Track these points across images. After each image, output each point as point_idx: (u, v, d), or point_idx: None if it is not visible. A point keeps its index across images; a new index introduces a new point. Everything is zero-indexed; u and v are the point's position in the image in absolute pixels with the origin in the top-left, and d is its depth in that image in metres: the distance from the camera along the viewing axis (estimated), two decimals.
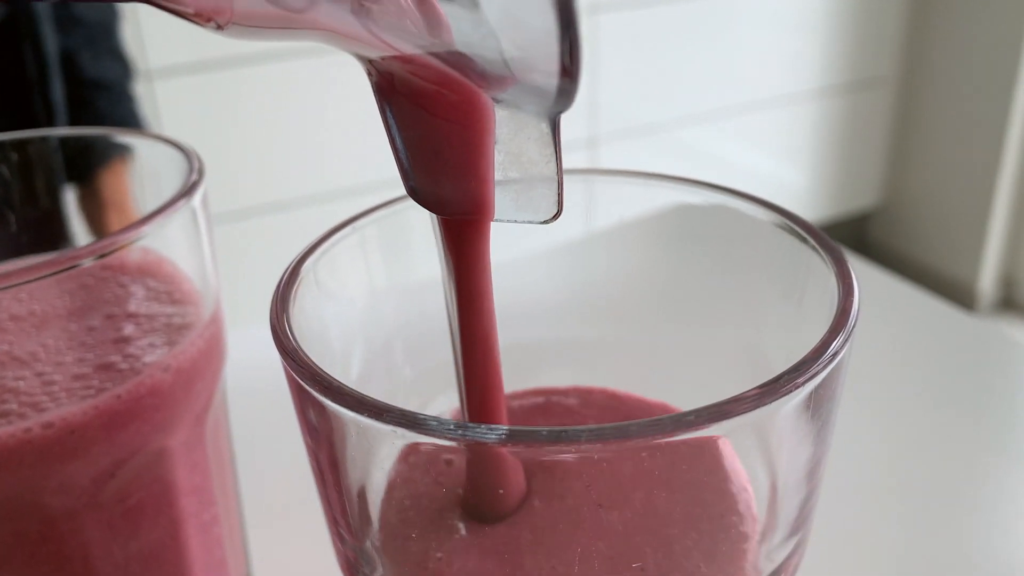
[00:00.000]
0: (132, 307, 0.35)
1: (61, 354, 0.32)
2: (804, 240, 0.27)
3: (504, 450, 0.20)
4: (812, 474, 0.23)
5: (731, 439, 0.22)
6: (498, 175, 0.23)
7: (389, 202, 0.29)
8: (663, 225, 0.32)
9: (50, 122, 0.81)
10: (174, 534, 0.35)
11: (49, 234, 0.44)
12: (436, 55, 0.20)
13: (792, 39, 2.10)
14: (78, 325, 0.34)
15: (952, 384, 0.59)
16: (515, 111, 0.21)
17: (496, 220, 0.24)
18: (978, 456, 0.53)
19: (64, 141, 0.40)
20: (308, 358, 0.21)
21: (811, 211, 2.32)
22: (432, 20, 0.19)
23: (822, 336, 0.21)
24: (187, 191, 0.34)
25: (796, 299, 0.27)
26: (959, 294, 2.21)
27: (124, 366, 0.32)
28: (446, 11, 0.19)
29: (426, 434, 0.18)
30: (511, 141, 0.22)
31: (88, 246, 0.30)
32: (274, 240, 1.75)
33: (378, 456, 0.21)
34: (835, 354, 0.21)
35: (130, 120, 0.88)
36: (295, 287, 0.24)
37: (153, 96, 1.57)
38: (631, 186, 0.31)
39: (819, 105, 2.19)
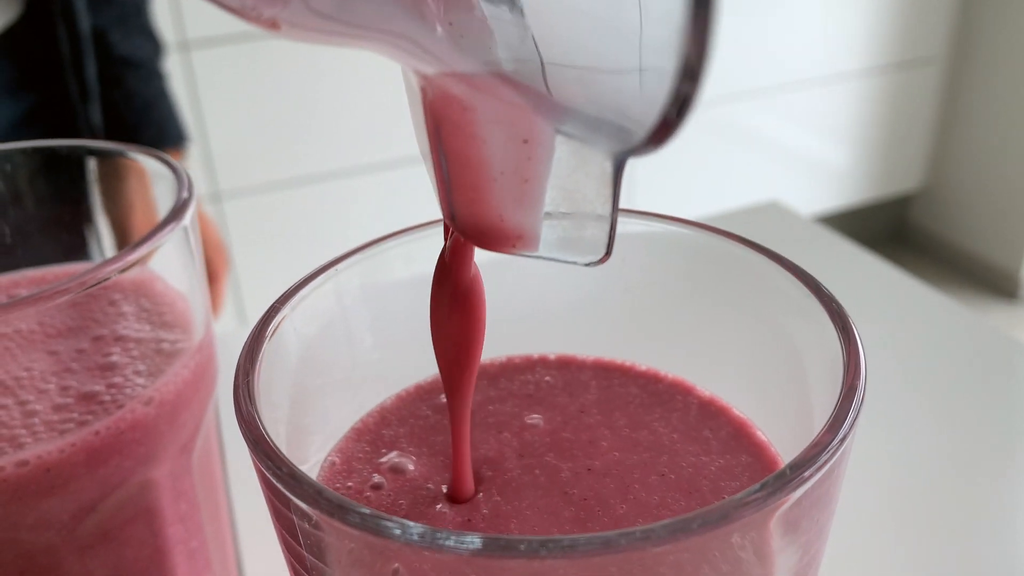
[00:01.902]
0: (121, 329, 0.34)
1: (45, 380, 0.32)
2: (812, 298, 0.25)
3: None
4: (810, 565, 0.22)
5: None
6: (547, 208, 0.21)
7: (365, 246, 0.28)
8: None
9: (83, 100, 0.81)
10: (159, 563, 0.34)
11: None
12: (503, 77, 0.19)
13: (841, 18, 2.05)
14: (65, 347, 0.33)
15: (976, 390, 0.57)
16: (580, 145, 0.20)
17: (538, 256, 0.22)
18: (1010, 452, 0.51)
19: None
20: (266, 435, 0.19)
21: (852, 193, 2.28)
22: (508, 39, 0.18)
23: (817, 437, 0.19)
24: (179, 211, 0.33)
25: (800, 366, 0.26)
26: (1000, 281, 2.17)
27: (107, 397, 0.31)
28: (515, 24, 0.18)
29: (384, 538, 0.17)
30: (568, 176, 0.20)
31: (82, 275, 0.29)
32: (302, 213, 1.75)
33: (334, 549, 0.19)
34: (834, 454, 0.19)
35: (160, 98, 0.87)
36: (264, 344, 0.23)
37: (191, 66, 1.57)
38: (636, 224, 0.30)
39: (864, 84, 2.14)
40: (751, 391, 0.29)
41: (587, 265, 0.22)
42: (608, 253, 0.22)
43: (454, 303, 0.24)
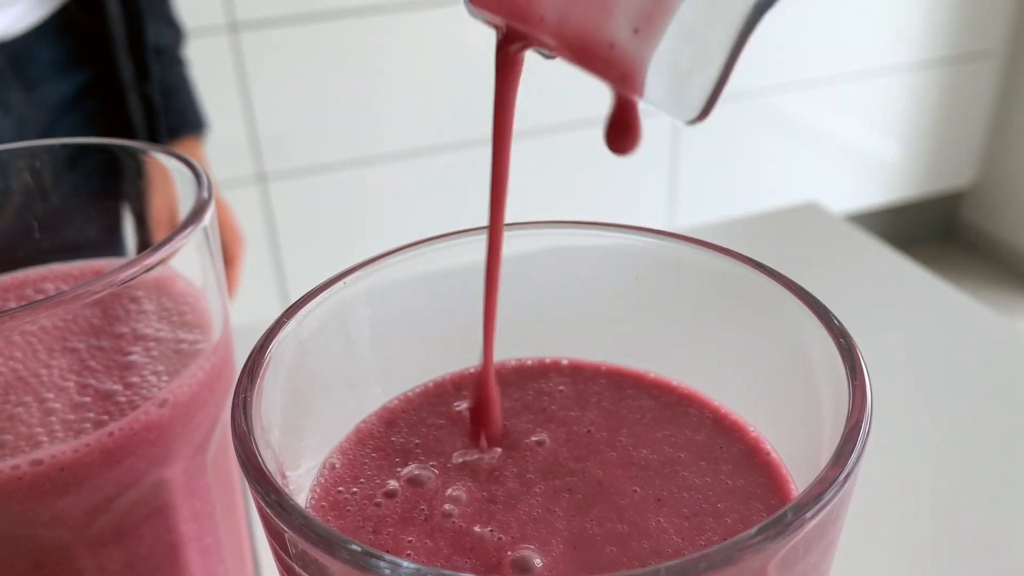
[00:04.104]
0: (142, 328, 0.34)
1: (64, 377, 0.32)
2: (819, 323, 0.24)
3: None
4: None
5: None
6: (662, 48, 0.20)
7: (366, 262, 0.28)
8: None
9: (144, 78, 0.83)
10: (172, 559, 0.34)
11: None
12: None
13: (898, 9, 2.01)
14: (86, 344, 0.33)
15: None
16: None
17: (640, 97, 0.21)
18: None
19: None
20: (262, 463, 0.19)
21: (901, 188, 2.24)
22: None
23: (823, 473, 0.19)
24: (199, 212, 0.33)
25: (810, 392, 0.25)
26: None
27: (123, 398, 0.31)
28: None
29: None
30: (699, 12, 0.19)
31: (107, 275, 0.30)
32: (347, 196, 1.75)
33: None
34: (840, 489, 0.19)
35: (181, 84, 0.90)
36: (265, 362, 0.23)
37: (240, 48, 1.58)
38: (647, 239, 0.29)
39: (918, 77, 2.10)
40: (764, 408, 0.29)
41: (684, 121, 0.21)
42: (706, 113, 0.20)
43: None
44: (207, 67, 1.52)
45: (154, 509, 0.33)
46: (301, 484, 0.27)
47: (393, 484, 0.27)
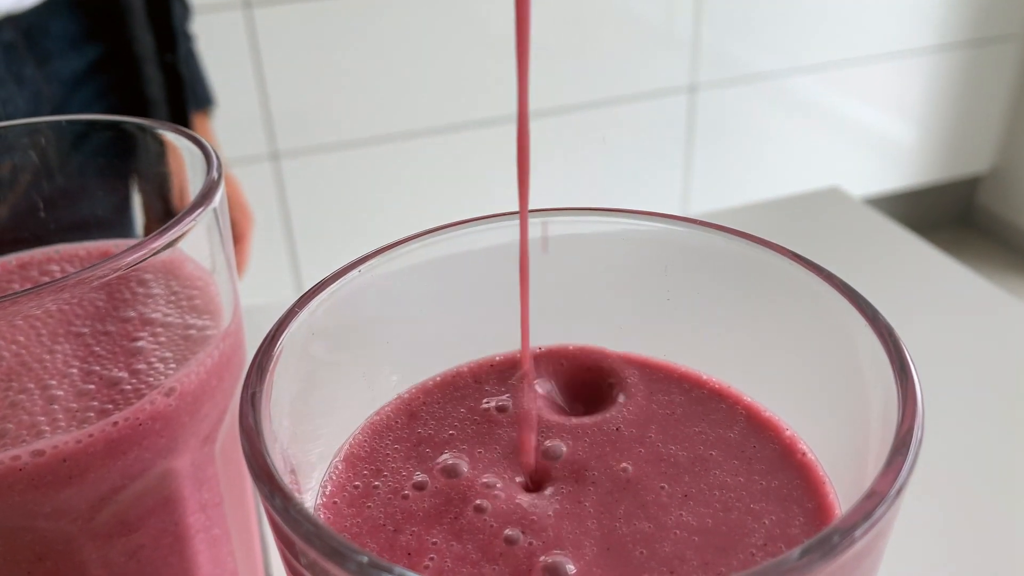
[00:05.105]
0: (149, 312, 0.33)
1: (69, 364, 0.31)
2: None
3: None
4: None
5: None
6: None
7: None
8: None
9: (170, 48, 0.82)
10: (180, 550, 0.33)
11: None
12: None
13: None
14: (91, 329, 0.32)
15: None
16: None
17: None
18: None
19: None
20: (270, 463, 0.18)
21: (918, 173, 2.21)
22: None
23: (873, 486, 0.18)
24: (209, 192, 0.32)
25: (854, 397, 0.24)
26: None
27: (128, 386, 0.30)
28: None
29: None
30: None
31: (114, 258, 0.28)
32: (360, 175, 1.74)
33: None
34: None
35: (188, 59, 0.89)
36: (275, 355, 0.22)
37: (253, 24, 1.56)
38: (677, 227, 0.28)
39: (937, 61, 2.07)
40: (799, 406, 0.27)
41: None
42: None
43: None
44: (221, 43, 1.50)
45: (161, 500, 0.32)
46: (313, 479, 0.26)
47: (421, 476, 0.26)
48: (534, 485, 0.25)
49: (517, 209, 0.25)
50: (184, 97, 0.85)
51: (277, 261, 1.76)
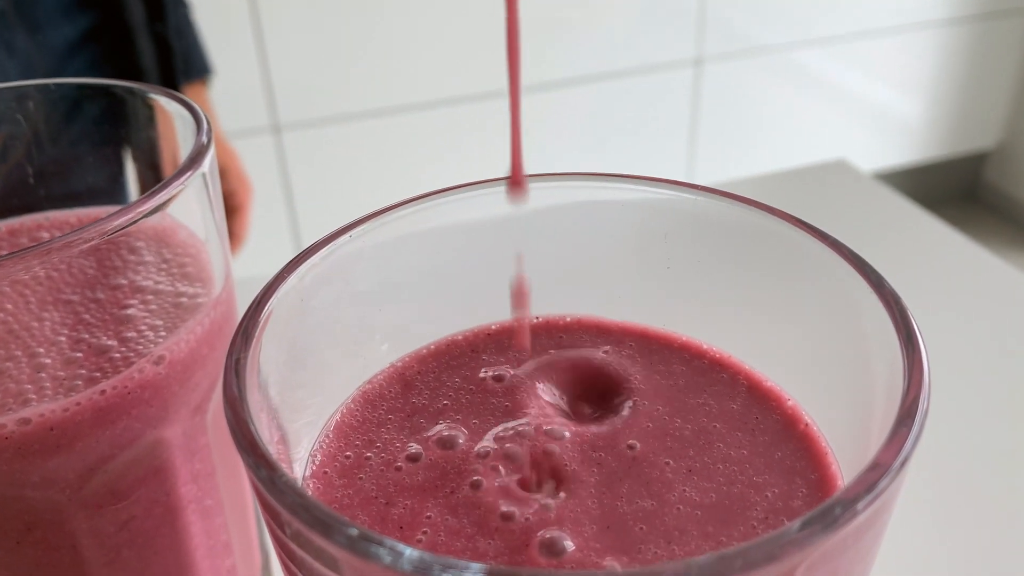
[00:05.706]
0: (140, 280, 0.32)
1: (57, 331, 0.30)
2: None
3: None
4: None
5: None
6: None
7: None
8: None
9: (159, 18, 0.81)
10: (171, 521, 0.33)
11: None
12: None
13: None
14: (81, 296, 0.32)
15: None
16: None
17: None
18: None
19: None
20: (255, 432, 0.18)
21: (924, 148, 2.20)
22: None
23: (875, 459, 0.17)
24: (197, 157, 0.31)
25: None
26: None
27: (117, 354, 0.29)
28: None
29: (372, 563, 0.15)
30: None
31: (102, 222, 0.28)
32: (361, 147, 1.73)
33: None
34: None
35: (185, 28, 0.89)
36: (264, 319, 0.21)
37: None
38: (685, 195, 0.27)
39: (944, 35, 2.05)
40: (801, 375, 0.27)
41: None
42: None
43: None
44: (221, 14, 1.49)
45: (152, 470, 0.31)
46: (302, 449, 0.25)
47: (415, 448, 0.25)
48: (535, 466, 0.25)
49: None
50: (173, 67, 0.84)
51: (278, 234, 1.75)
